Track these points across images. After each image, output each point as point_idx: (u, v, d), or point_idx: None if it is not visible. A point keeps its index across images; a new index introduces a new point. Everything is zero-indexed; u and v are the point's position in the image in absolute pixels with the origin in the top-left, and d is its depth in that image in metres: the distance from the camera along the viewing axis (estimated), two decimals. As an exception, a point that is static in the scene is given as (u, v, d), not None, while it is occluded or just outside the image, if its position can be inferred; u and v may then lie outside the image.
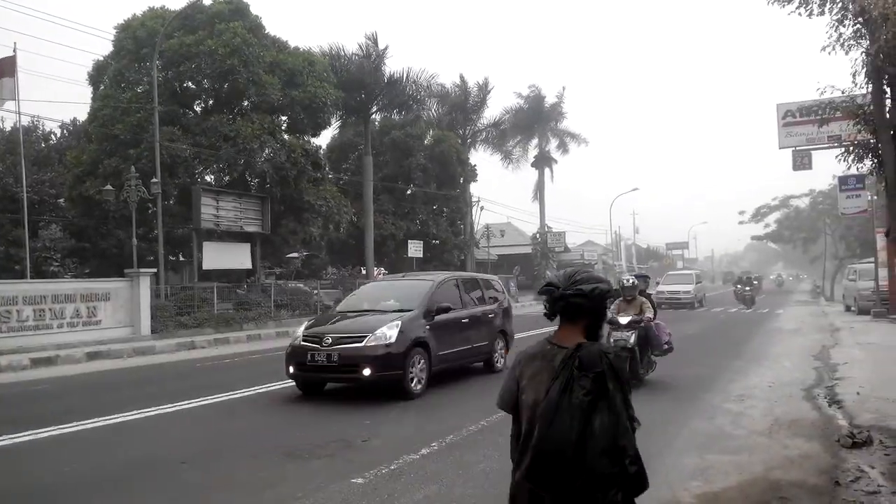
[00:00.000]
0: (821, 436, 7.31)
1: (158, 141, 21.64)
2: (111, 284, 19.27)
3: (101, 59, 26.40)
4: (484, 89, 42.12)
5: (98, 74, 26.28)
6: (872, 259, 25.33)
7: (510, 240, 52.61)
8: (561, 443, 2.28)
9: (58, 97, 42.16)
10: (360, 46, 32.49)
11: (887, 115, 5.87)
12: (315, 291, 27.45)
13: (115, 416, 8.74)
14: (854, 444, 6.74)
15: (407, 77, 33.09)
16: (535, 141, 49.98)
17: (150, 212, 23.62)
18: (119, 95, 24.59)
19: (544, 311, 2.63)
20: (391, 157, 38.06)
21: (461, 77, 41.72)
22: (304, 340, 9.88)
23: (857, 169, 6.84)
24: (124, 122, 23.46)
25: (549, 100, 48.78)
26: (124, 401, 9.74)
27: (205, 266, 23.30)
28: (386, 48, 32.34)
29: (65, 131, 32.97)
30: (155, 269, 21.18)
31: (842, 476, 5.88)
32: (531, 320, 17.45)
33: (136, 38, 24.67)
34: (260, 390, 10.64)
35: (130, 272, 19.63)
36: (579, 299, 2.50)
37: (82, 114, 28.71)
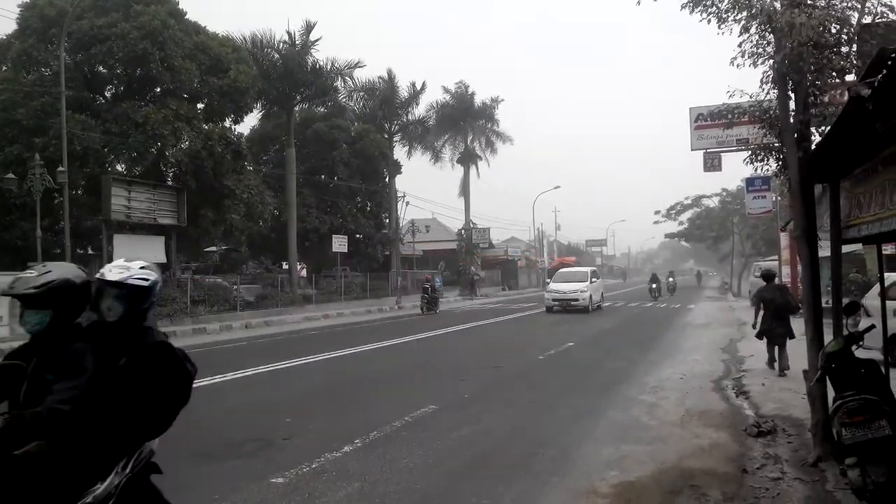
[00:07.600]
0: (729, 425, 7.69)
1: (66, 128, 20.49)
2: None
3: (4, 37, 24.76)
4: (416, 89, 42.18)
5: (1, 54, 24.65)
6: (777, 257, 26.76)
7: (435, 235, 52.67)
8: (778, 304, 11.16)
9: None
10: (289, 34, 31.80)
11: (791, 120, 6.18)
12: (235, 287, 26.67)
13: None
14: (759, 433, 7.14)
15: (333, 68, 32.62)
16: (461, 138, 50.31)
17: (56, 202, 22.34)
18: (22, 78, 23.10)
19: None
20: (314, 149, 37.36)
21: (388, 72, 41.32)
22: None
23: (763, 171, 7.15)
24: (27, 107, 22.06)
25: (478, 98, 49.34)
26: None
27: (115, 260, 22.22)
28: (318, 39, 31.90)
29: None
30: (61, 263, 20.04)
31: (749, 463, 6.19)
32: (463, 316, 17.51)
33: (43, 17, 23.23)
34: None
35: (34, 266, 18.50)
36: (768, 275, 12.16)
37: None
